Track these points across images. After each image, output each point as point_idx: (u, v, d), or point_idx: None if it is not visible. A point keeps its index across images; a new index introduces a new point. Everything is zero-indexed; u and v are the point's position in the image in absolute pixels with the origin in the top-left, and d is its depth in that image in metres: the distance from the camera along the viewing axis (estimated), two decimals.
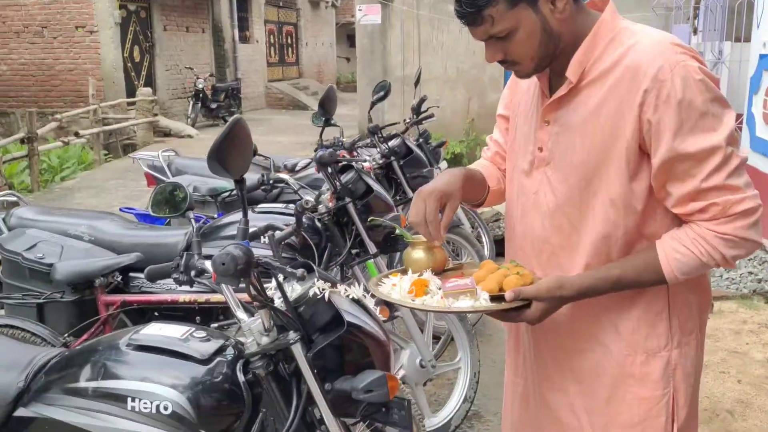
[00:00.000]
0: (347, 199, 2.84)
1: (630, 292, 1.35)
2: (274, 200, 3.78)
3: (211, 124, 15.31)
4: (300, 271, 1.42)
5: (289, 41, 21.33)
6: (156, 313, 2.85)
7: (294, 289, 1.58)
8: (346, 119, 13.61)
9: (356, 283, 1.69)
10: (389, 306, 2.91)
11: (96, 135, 11.13)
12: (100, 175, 9.66)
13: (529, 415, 1.57)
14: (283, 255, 2.79)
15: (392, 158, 3.99)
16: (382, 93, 3.94)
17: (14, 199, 3.17)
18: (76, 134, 10.21)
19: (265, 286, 1.54)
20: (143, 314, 2.82)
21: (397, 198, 4.12)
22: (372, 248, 2.89)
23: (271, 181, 3.03)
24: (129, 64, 13.62)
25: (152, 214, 1.93)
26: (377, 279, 1.53)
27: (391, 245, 3.07)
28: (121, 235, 2.81)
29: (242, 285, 1.44)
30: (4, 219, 2.89)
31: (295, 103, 18.65)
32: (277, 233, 2.51)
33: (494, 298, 1.33)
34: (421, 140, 4.78)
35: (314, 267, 1.60)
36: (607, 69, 1.30)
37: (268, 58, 19.78)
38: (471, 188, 1.54)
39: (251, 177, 3.72)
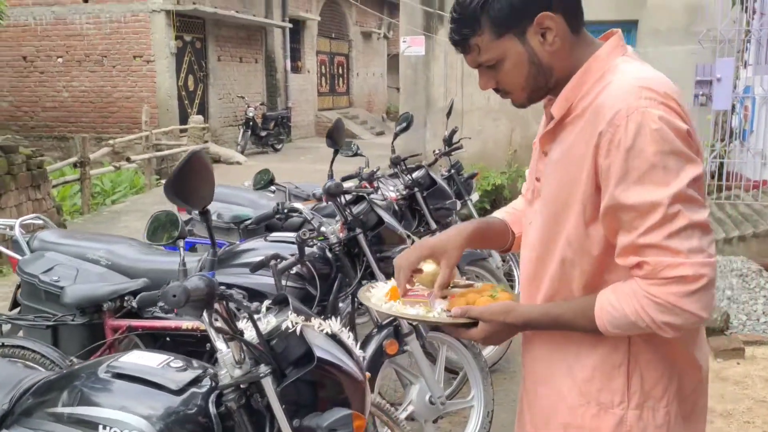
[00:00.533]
0: (358, 230, 2.83)
1: (591, 338, 1.27)
2: (297, 229, 3.81)
3: (260, 151, 15.62)
4: (254, 305, 1.41)
5: (341, 71, 21.69)
6: (168, 339, 2.89)
7: (269, 322, 1.57)
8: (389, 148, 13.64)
9: (334, 318, 1.67)
10: (398, 340, 2.89)
11: (147, 160, 11.49)
12: (149, 200, 9.94)
13: None
14: (291, 285, 2.80)
15: (416, 189, 3.97)
16: (404, 125, 3.95)
17: (41, 222, 3.28)
18: (128, 159, 10.55)
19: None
20: (156, 339, 2.85)
21: (421, 229, 4.09)
22: (382, 280, 2.86)
23: (285, 210, 3.04)
24: (183, 93, 14.06)
25: (147, 241, 1.96)
26: (368, 286, 1.54)
27: None
28: (136, 260, 2.86)
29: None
30: (28, 242, 2.98)
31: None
32: (281, 263, 2.53)
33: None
34: (452, 171, 4.76)
35: (290, 299, 1.59)
36: (586, 107, 1.24)
37: (318, 87, 20.14)
38: (484, 240, 1.54)
39: (269, 205, 3.77)
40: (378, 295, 1.46)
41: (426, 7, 9.65)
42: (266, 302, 1.67)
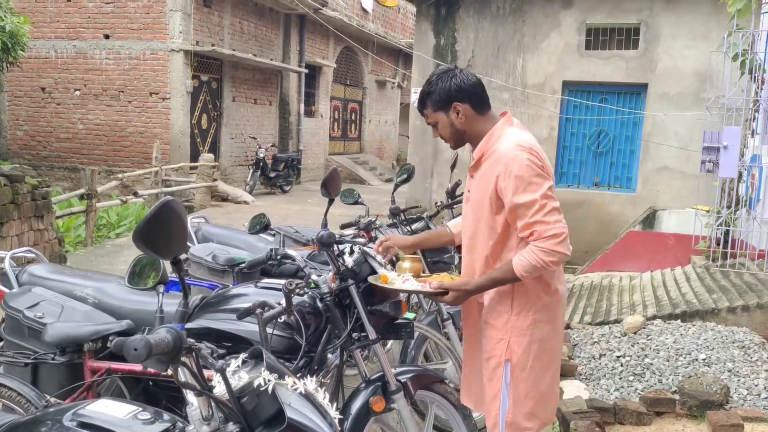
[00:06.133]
0: (350, 281, 2.78)
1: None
2: (292, 275, 3.76)
3: (268, 192, 15.69)
4: (220, 363, 1.36)
5: (353, 117, 21.93)
6: (150, 383, 2.83)
7: (241, 378, 1.52)
8: (398, 196, 13.74)
9: (309, 377, 1.61)
10: (386, 397, 2.81)
11: (155, 195, 11.54)
12: None
13: None
14: (278, 334, 2.75)
15: None
16: (405, 176, 3.94)
17: (33, 255, 3.25)
18: (135, 194, 10.60)
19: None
20: (139, 381, 2.79)
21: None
22: (372, 334, 2.80)
23: (278, 257, 3.01)
24: (196, 131, 14.21)
25: (127, 285, 1.92)
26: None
27: (394, 332, 2.98)
28: (123, 300, 2.82)
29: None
30: (17, 275, 2.95)
31: (353, 177, 18.99)
32: (267, 312, 2.48)
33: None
34: None
35: (264, 355, 1.54)
36: (491, 153, 2.37)
37: (330, 132, 20.34)
38: (428, 243, 2.93)
39: (266, 249, 3.74)
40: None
41: (438, 61, 9.79)
42: (242, 355, 1.62)
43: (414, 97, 9.83)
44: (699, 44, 8.83)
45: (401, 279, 2.52)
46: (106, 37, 13.63)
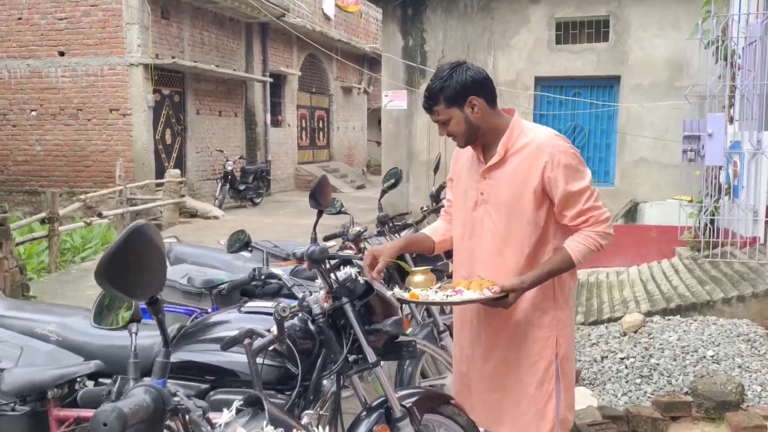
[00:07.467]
0: (344, 299, 2.52)
1: (542, 284, 2.30)
2: (275, 294, 3.49)
3: (239, 205, 15.31)
4: (219, 428, 1.09)
5: (321, 125, 21.64)
6: None
7: None
8: (374, 202, 13.53)
9: (315, 424, 1.35)
10: (390, 425, 2.55)
11: (121, 215, 11.12)
12: None
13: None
14: (268, 363, 2.48)
15: None
16: (392, 181, 3.70)
17: None
18: (99, 215, 10.18)
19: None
20: None
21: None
22: (371, 356, 2.54)
23: (263, 277, 2.74)
24: (160, 146, 13.79)
25: (93, 324, 1.64)
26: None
27: (394, 352, 2.72)
28: (90, 336, 2.51)
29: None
30: None
31: None
32: (257, 341, 2.21)
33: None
34: None
35: (265, 404, 1.27)
36: (520, 148, 2.30)
37: (299, 141, 20.02)
38: (413, 247, 2.70)
39: (245, 267, 3.46)
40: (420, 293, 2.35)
41: (408, 62, 9.58)
42: (236, 403, 1.36)
43: (386, 101, 9.62)
44: (669, 33, 8.78)
45: (440, 292, 2.31)
46: (61, 54, 13.14)
